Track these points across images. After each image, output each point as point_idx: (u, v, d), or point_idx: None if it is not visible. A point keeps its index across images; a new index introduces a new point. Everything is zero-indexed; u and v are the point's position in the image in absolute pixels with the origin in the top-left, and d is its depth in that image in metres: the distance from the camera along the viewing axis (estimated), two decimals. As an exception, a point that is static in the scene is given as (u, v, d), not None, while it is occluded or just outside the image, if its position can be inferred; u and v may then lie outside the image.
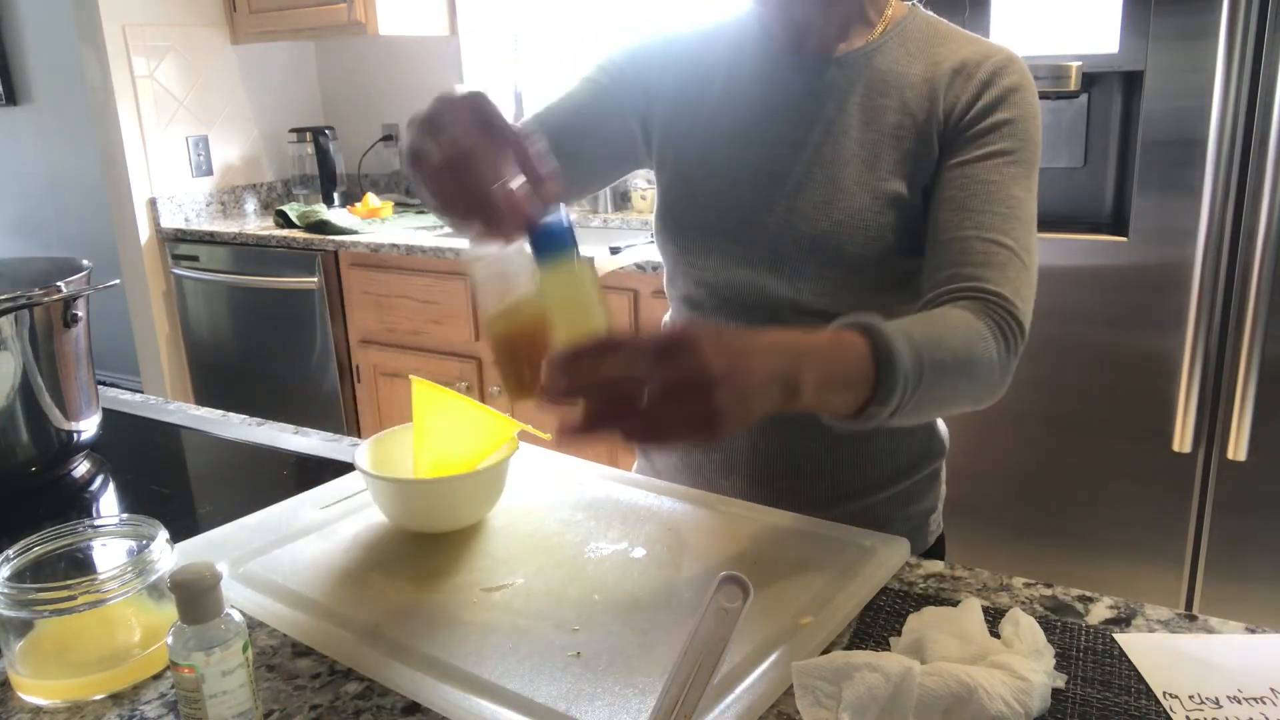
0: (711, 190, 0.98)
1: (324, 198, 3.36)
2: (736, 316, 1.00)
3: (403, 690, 0.67)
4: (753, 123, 0.98)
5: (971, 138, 0.91)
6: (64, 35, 3.97)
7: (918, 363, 0.74)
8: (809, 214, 0.93)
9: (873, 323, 0.75)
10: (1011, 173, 0.90)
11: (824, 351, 0.72)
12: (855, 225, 0.92)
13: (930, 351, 0.76)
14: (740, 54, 1.01)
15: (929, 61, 0.94)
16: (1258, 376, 1.70)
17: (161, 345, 3.32)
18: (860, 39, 0.96)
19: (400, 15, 3.01)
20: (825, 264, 0.93)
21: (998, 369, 0.83)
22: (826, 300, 0.94)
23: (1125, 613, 0.75)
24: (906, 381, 0.73)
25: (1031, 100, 0.92)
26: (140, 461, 1.20)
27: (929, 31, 0.96)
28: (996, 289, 0.85)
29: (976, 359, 0.81)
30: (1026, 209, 0.89)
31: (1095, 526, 1.93)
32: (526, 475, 1.01)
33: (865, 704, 0.59)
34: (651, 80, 1.04)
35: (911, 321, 0.79)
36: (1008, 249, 0.87)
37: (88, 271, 1.14)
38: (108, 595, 0.69)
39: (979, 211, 0.88)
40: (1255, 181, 1.66)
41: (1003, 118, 0.90)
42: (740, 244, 0.96)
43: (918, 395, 0.76)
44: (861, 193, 0.92)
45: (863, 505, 1.01)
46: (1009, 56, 0.93)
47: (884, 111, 0.93)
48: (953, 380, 0.79)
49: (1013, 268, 0.86)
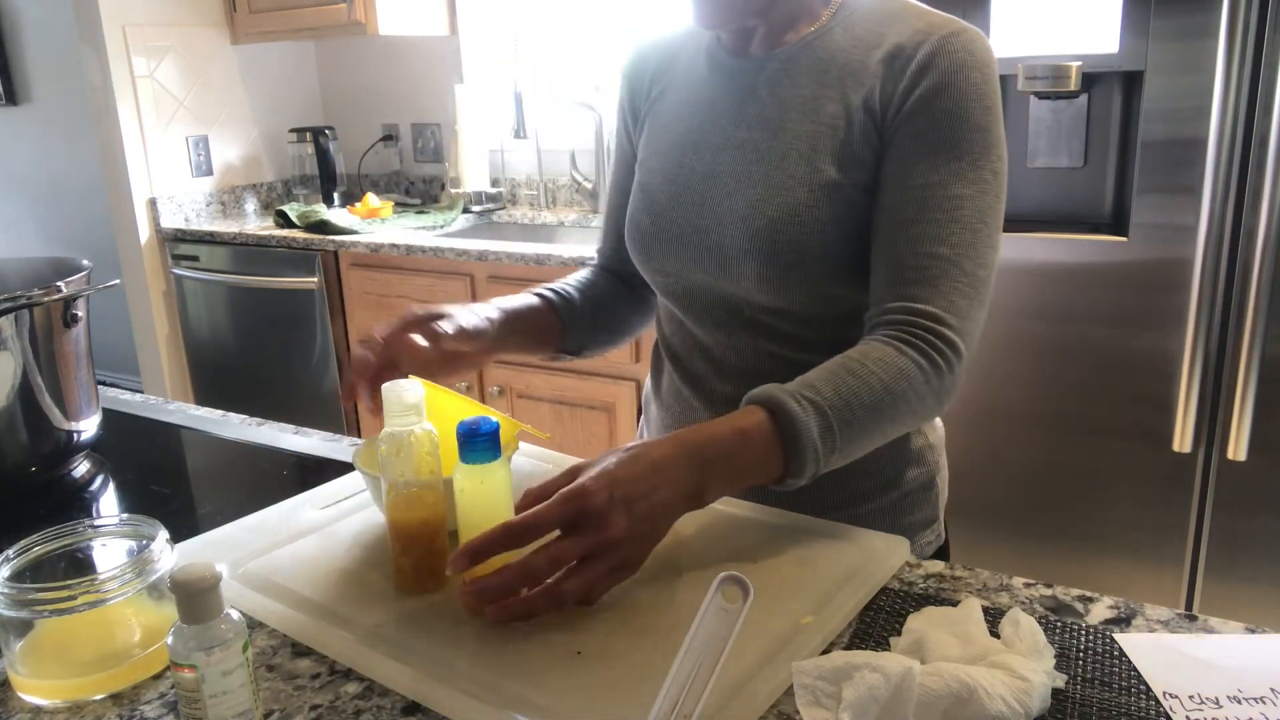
0: (665, 197, 0.99)
1: (324, 198, 3.36)
2: (703, 321, 1.01)
3: (403, 690, 0.67)
4: (700, 127, 0.99)
5: (909, 135, 0.87)
6: (64, 35, 3.97)
7: (827, 431, 0.78)
8: (745, 213, 0.93)
9: (777, 399, 0.78)
10: (953, 169, 0.86)
11: (728, 450, 0.76)
12: (790, 220, 0.90)
13: (841, 412, 0.79)
14: (695, 63, 1.03)
15: (871, 45, 0.91)
16: (1258, 376, 1.70)
17: (161, 345, 3.32)
18: (807, 27, 0.94)
19: (400, 15, 3.01)
20: (764, 262, 0.91)
21: (928, 398, 0.84)
22: (772, 298, 0.93)
23: (1125, 613, 0.75)
24: (817, 452, 0.78)
25: (977, 80, 0.86)
26: (140, 461, 1.20)
27: (877, 12, 0.93)
28: (927, 307, 0.84)
29: (898, 400, 0.82)
30: (971, 206, 0.85)
31: (1095, 526, 1.93)
32: (526, 475, 1.01)
33: (865, 704, 0.59)
34: (638, 104, 1.09)
35: (825, 378, 0.81)
36: (942, 259, 0.85)
37: (88, 271, 1.14)
38: (108, 595, 0.69)
39: (912, 221, 0.86)
40: (1255, 181, 1.66)
41: (941, 107, 0.86)
42: (689, 248, 0.97)
43: (837, 454, 0.80)
44: (797, 187, 0.90)
45: (852, 515, 0.99)
46: (950, 33, 0.87)
47: (824, 101, 0.91)
48: (872, 428, 0.82)
49: (947, 279, 0.85)
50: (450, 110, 3.27)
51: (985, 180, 0.87)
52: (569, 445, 2.51)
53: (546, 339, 1.07)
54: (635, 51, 1.10)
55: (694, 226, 0.97)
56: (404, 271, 2.73)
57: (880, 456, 0.99)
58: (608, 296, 1.13)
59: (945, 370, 0.84)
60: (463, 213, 3.11)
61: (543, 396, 2.55)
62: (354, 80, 3.56)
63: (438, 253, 2.62)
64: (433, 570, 0.78)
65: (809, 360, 0.92)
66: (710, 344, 1.01)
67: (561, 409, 2.53)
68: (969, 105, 0.86)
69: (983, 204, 0.86)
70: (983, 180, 0.86)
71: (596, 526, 0.69)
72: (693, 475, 0.74)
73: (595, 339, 1.12)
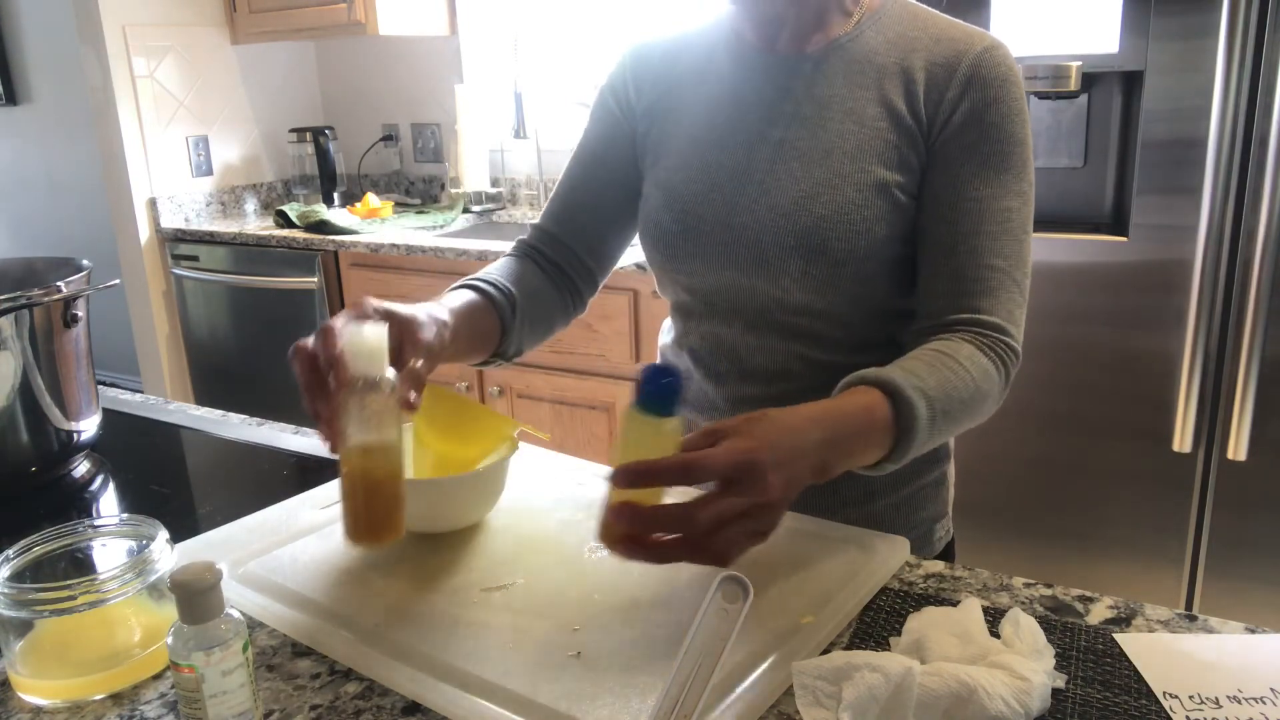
0: (689, 195, 0.98)
1: (324, 198, 3.36)
2: (726, 321, 1.00)
3: (403, 690, 0.67)
4: (727, 124, 0.98)
5: (960, 147, 0.90)
6: (64, 35, 3.97)
7: (932, 420, 0.79)
8: (789, 210, 0.92)
9: (895, 383, 0.78)
10: (1002, 181, 0.89)
11: (855, 429, 0.76)
12: (840, 219, 0.91)
13: (943, 403, 0.81)
14: (711, 59, 1.02)
15: (906, 49, 0.93)
16: (1258, 376, 1.70)
17: (161, 345, 3.32)
18: (838, 30, 0.95)
19: (400, 15, 3.01)
20: (809, 260, 0.92)
21: (998, 398, 0.88)
22: (812, 297, 0.93)
23: (1125, 613, 0.75)
24: (921, 439, 0.79)
25: (1017, 94, 0.90)
26: (140, 461, 1.20)
27: (906, 17, 0.95)
28: (993, 319, 0.88)
29: (983, 396, 0.85)
30: (1018, 218, 0.90)
31: (1095, 526, 1.93)
32: (526, 475, 1.01)
33: (865, 704, 0.59)
34: (630, 99, 1.06)
35: (928, 369, 0.82)
36: (1000, 271, 0.89)
37: (88, 271, 1.14)
38: (108, 595, 0.69)
39: (971, 234, 0.89)
40: (1255, 181, 1.66)
41: (991, 121, 0.89)
42: (721, 246, 0.96)
43: (929, 444, 0.81)
44: (845, 185, 0.91)
45: (866, 511, 1.00)
46: (988, 46, 0.90)
47: (864, 103, 0.92)
48: (959, 420, 0.84)
49: (1005, 291, 0.89)
50: (450, 110, 3.27)
51: (1025, 192, 0.91)
52: (569, 445, 2.51)
53: (485, 345, 0.98)
54: (636, 47, 1.08)
55: (725, 225, 0.96)
56: (404, 271, 2.73)
57: None
58: (540, 294, 1.05)
59: (1010, 377, 0.89)
60: (463, 213, 3.11)
61: (543, 396, 2.55)
62: (354, 80, 3.56)
63: (438, 253, 2.62)
64: (373, 525, 0.73)
65: (835, 362, 0.93)
66: (736, 343, 1.00)
67: (561, 409, 2.53)
68: (1014, 119, 0.90)
69: (1025, 215, 0.91)
70: (1024, 193, 0.91)
71: (758, 487, 0.67)
72: (823, 449, 0.73)
73: (529, 343, 1.04)
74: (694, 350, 1.05)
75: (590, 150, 1.08)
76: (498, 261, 1.06)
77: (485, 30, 3.23)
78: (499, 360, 1.01)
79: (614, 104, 1.07)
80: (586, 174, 1.08)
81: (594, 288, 1.12)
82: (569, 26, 3.06)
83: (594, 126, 1.09)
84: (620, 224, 1.08)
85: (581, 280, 1.09)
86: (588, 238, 1.08)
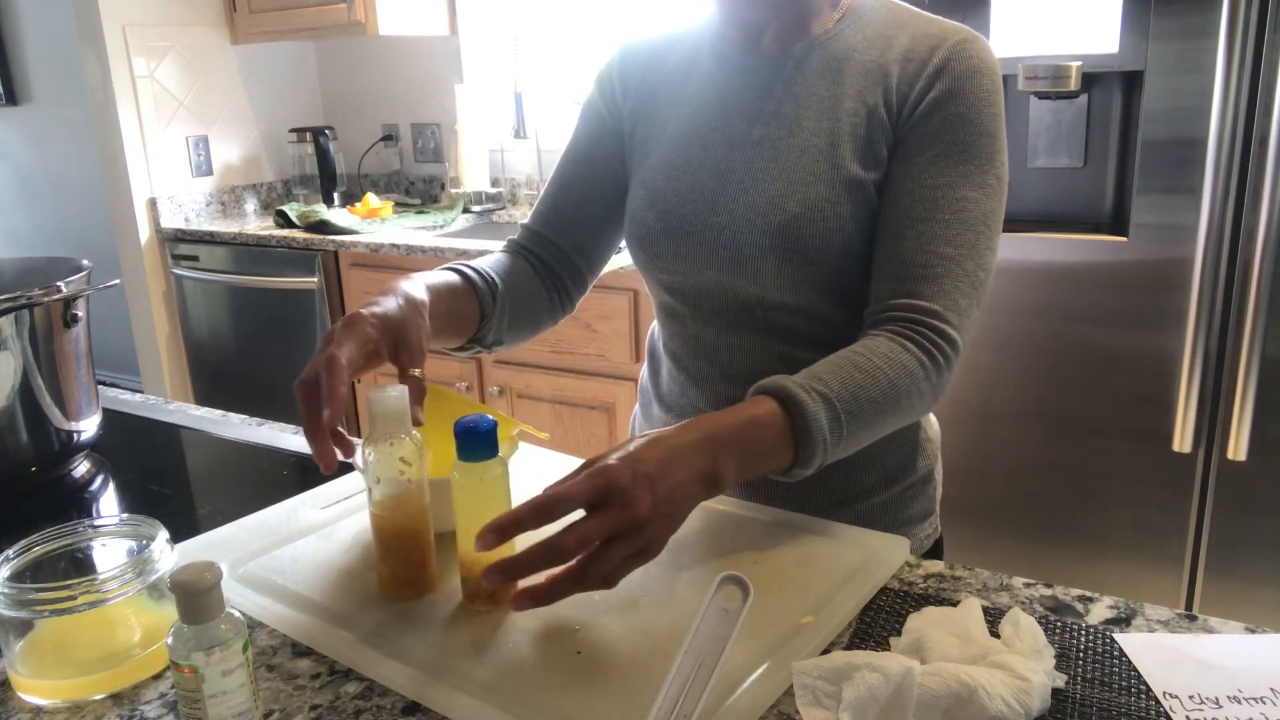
0: (672, 194, 0.99)
1: (324, 198, 3.36)
2: (708, 322, 1.00)
3: (403, 690, 0.67)
4: (710, 124, 0.98)
5: (922, 136, 0.89)
6: (64, 35, 3.97)
7: (835, 423, 0.79)
8: (765, 209, 0.93)
9: (788, 390, 0.79)
10: (962, 171, 0.88)
11: (741, 437, 0.77)
12: (813, 216, 0.91)
13: (849, 404, 0.80)
14: (697, 59, 1.02)
15: (884, 46, 0.93)
16: (1258, 376, 1.70)
17: (161, 345, 3.32)
18: (819, 29, 0.96)
19: (400, 15, 3.01)
20: (784, 258, 0.92)
21: (927, 394, 0.87)
22: (790, 295, 0.94)
23: (1125, 613, 0.75)
24: (825, 443, 0.79)
25: (987, 86, 0.89)
26: (140, 461, 1.20)
27: (887, 14, 0.95)
28: (930, 305, 0.86)
29: (901, 395, 0.84)
30: (977, 210, 0.88)
31: (1095, 526, 1.93)
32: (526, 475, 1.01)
33: (865, 704, 0.59)
34: (618, 99, 1.07)
35: (832, 371, 0.82)
36: (947, 259, 0.87)
37: (88, 271, 1.14)
38: (108, 595, 0.69)
39: (921, 221, 0.88)
40: (1255, 181, 1.66)
41: (954, 111, 0.88)
42: (701, 246, 0.97)
43: (842, 446, 0.81)
44: (818, 183, 0.91)
45: (855, 511, 1.00)
46: (963, 40, 0.90)
47: (840, 100, 0.92)
48: (876, 421, 0.83)
49: (950, 279, 0.87)
50: (450, 110, 3.27)
51: (990, 185, 0.89)
52: (569, 445, 2.51)
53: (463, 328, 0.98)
54: (624, 48, 1.09)
55: (706, 224, 0.96)
56: (404, 271, 2.72)
57: (883, 451, 1.00)
58: (526, 290, 1.06)
59: (944, 367, 0.86)
60: (463, 213, 3.11)
61: (543, 396, 2.55)
62: (354, 80, 3.56)
63: (438, 253, 2.62)
64: (411, 579, 0.78)
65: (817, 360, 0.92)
66: (718, 345, 1.01)
67: (561, 409, 2.53)
68: (980, 111, 0.89)
69: (987, 208, 0.89)
70: (988, 184, 0.89)
71: (622, 504, 0.68)
72: (708, 460, 0.74)
73: (510, 336, 1.05)
74: (676, 355, 1.05)
75: (579, 150, 1.09)
76: (487, 256, 1.07)
77: (485, 30, 3.23)
78: (476, 347, 1.02)
79: (602, 104, 1.08)
80: (575, 174, 1.09)
81: (583, 288, 1.12)
82: (569, 26, 3.06)
83: (583, 126, 1.09)
84: (609, 223, 1.09)
85: (571, 279, 1.10)
86: (577, 237, 1.09)
